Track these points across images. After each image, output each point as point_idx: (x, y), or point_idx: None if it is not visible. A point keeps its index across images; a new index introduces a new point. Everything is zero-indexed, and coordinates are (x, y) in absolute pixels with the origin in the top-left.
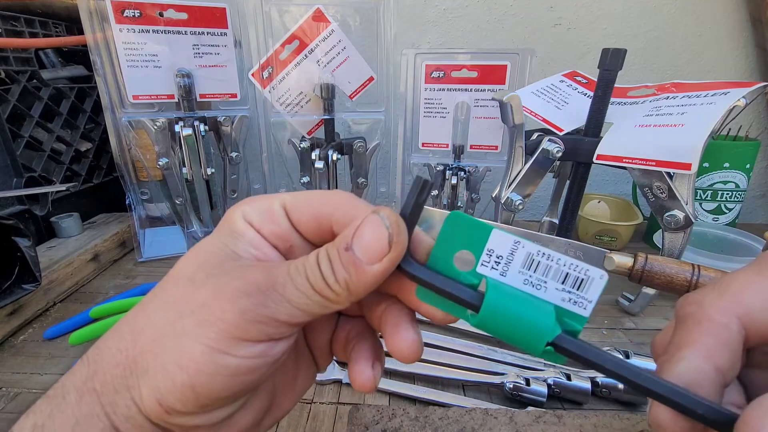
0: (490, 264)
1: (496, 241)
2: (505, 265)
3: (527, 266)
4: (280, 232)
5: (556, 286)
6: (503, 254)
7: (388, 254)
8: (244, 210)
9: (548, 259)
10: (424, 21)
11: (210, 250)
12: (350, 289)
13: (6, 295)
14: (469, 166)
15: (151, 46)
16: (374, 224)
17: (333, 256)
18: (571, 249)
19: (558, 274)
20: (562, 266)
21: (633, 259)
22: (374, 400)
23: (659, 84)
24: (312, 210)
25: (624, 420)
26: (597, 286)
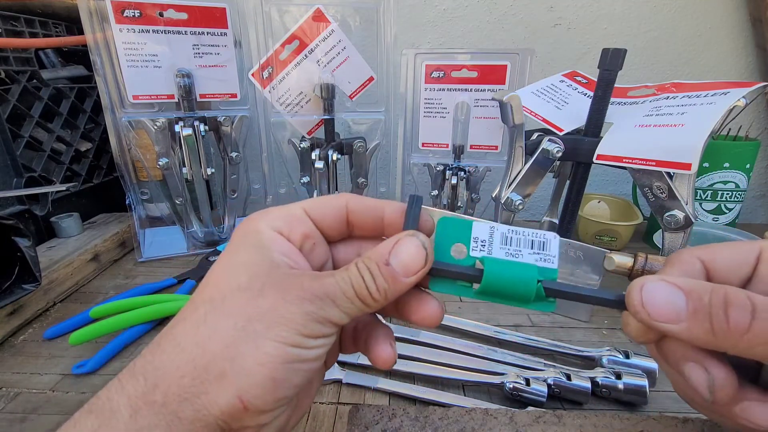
0: (477, 248)
1: (478, 230)
2: (489, 246)
3: (505, 242)
4: (307, 232)
5: (528, 251)
6: (485, 238)
7: (423, 269)
8: (269, 221)
9: (517, 234)
10: (424, 21)
11: (253, 262)
12: (387, 296)
13: (6, 295)
14: (469, 166)
15: (151, 46)
16: (413, 244)
17: (374, 269)
18: (571, 249)
19: (527, 242)
20: (527, 236)
21: (633, 259)
22: (374, 400)
23: (659, 84)
24: (330, 209)
25: (624, 420)
26: (554, 243)
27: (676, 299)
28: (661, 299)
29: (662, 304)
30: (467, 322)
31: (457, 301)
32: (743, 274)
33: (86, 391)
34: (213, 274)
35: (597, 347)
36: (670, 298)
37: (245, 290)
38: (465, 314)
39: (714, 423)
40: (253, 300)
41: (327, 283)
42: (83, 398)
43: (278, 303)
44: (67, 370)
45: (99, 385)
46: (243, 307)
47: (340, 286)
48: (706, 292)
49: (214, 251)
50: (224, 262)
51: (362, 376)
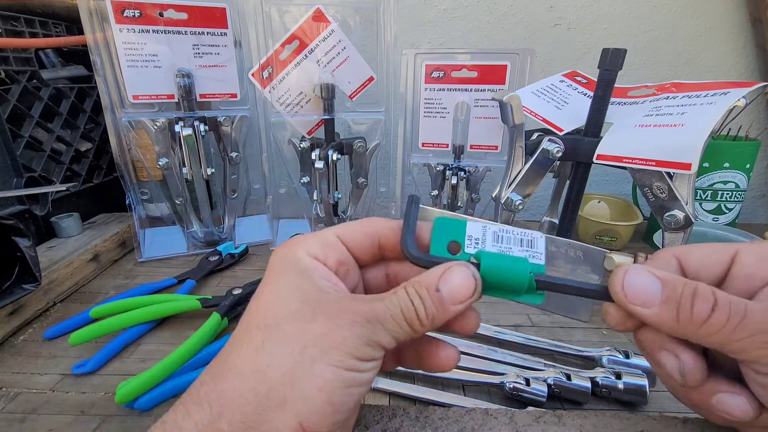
0: (472, 245)
1: (471, 228)
2: (482, 243)
3: (497, 240)
4: (342, 259)
5: (518, 249)
6: (479, 236)
7: (471, 298)
8: (306, 247)
9: (507, 232)
10: (424, 21)
11: (300, 287)
12: (433, 322)
13: (6, 295)
14: (469, 166)
15: (151, 46)
16: (463, 273)
17: (423, 294)
18: (572, 249)
19: (516, 240)
20: (516, 235)
21: (633, 259)
22: (374, 400)
23: (659, 84)
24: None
25: (624, 420)
26: (541, 242)
27: (653, 286)
28: (639, 284)
29: (639, 288)
30: None
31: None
32: (716, 274)
33: (86, 391)
34: (262, 300)
35: (597, 347)
36: (648, 284)
37: (298, 316)
38: None
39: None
40: (307, 325)
41: (376, 307)
42: (83, 398)
43: (331, 328)
44: (67, 370)
45: (99, 385)
46: (297, 333)
47: (390, 310)
48: (680, 284)
49: (214, 251)
50: (272, 288)
51: None
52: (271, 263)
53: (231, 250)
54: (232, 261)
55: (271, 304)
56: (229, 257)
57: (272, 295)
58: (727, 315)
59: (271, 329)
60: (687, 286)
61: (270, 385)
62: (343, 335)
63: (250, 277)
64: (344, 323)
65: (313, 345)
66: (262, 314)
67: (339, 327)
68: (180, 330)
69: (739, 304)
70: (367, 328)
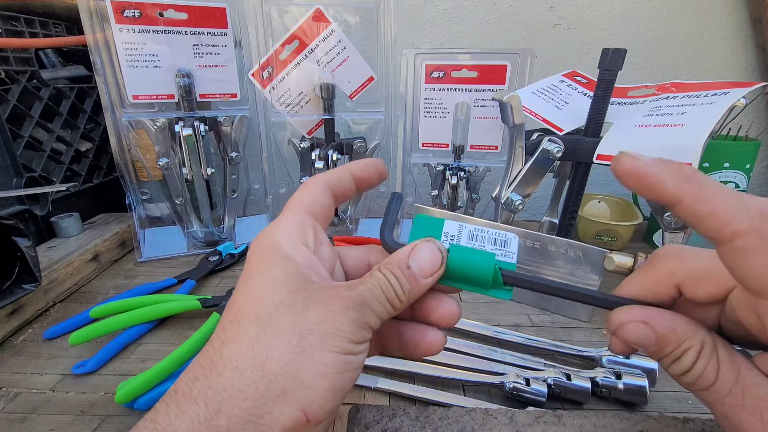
0: (447, 241)
1: (448, 227)
2: (457, 240)
3: (471, 238)
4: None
5: (491, 247)
6: (455, 234)
7: (439, 270)
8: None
9: (482, 232)
10: (424, 21)
11: (287, 277)
12: (410, 298)
13: (6, 295)
14: (469, 166)
15: (151, 46)
16: (429, 248)
17: (397, 273)
18: (572, 249)
19: (490, 240)
20: (491, 235)
21: (633, 259)
22: (374, 400)
23: (659, 84)
24: (320, 198)
25: (624, 420)
26: (514, 242)
27: (648, 339)
28: (633, 337)
29: (632, 339)
30: (467, 322)
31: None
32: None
33: (86, 391)
34: (248, 292)
35: (597, 347)
36: (644, 338)
37: (289, 306)
38: (465, 314)
39: (714, 423)
40: (300, 315)
41: (361, 291)
42: (83, 398)
43: (327, 315)
44: (67, 370)
45: (99, 385)
46: (292, 323)
47: (373, 292)
48: (672, 344)
49: (214, 251)
50: (257, 280)
51: (362, 376)
52: (251, 253)
53: (231, 250)
54: (232, 261)
55: (259, 297)
56: (229, 257)
57: (259, 287)
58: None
59: (264, 321)
60: (678, 350)
61: (270, 378)
62: (339, 321)
63: None
64: (339, 309)
65: (310, 333)
66: (250, 307)
67: (334, 314)
68: (180, 330)
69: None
70: (357, 311)
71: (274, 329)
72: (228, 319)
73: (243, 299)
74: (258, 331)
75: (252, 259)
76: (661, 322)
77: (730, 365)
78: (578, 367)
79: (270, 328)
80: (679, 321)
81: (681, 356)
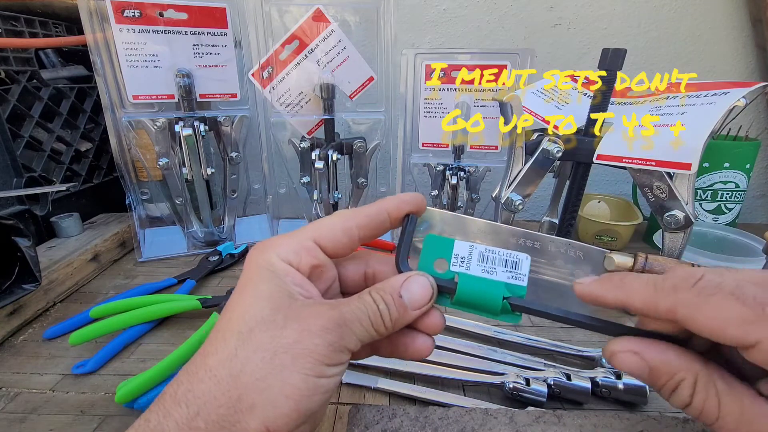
0: (458, 263)
1: (459, 248)
2: (468, 262)
3: (482, 260)
4: (317, 262)
5: (502, 269)
6: (465, 255)
7: (428, 304)
8: (279, 252)
9: (493, 253)
10: (424, 21)
11: (272, 294)
12: (395, 326)
13: (6, 295)
14: (469, 166)
15: (151, 46)
16: (422, 283)
17: (387, 300)
18: (572, 249)
19: (501, 261)
20: (502, 256)
21: (633, 259)
22: (374, 400)
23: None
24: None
25: (624, 420)
26: (525, 264)
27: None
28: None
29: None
30: (467, 322)
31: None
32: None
33: (86, 390)
34: (236, 306)
35: (597, 347)
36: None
37: (269, 323)
38: (465, 314)
39: None
40: (278, 332)
41: (344, 311)
42: (83, 398)
43: (302, 335)
44: (67, 370)
45: (99, 385)
46: (269, 341)
47: (356, 315)
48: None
49: (214, 251)
50: (245, 294)
51: (362, 376)
52: (246, 267)
53: (231, 250)
54: (232, 261)
55: (244, 311)
56: (229, 257)
57: (245, 301)
58: None
59: (243, 335)
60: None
61: (242, 390)
62: (314, 342)
63: None
64: (315, 329)
65: (283, 352)
66: (235, 321)
67: (310, 333)
68: (180, 330)
69: None
70: (336, 333)
71: (252, 344)
72: (217, 330)
73: (230, 313)
74: (237, 345)
75: (245, 273)
76: (651, 354)
77: (731, 398)
78: (578, 367)
79: (249, 342)
80: (670, 353)
81: (676, 388)
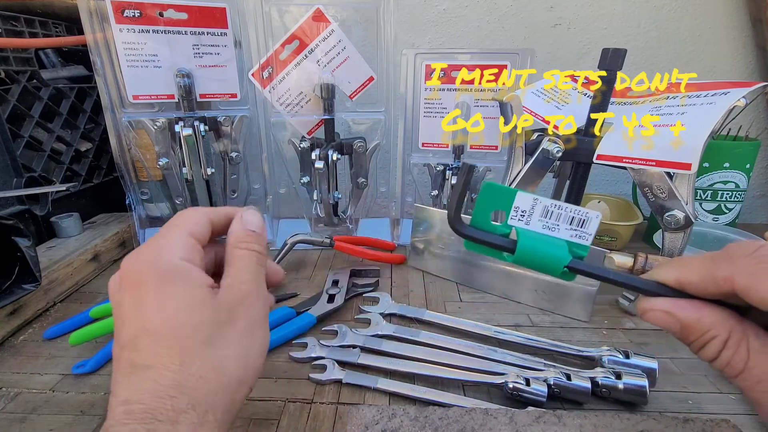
0: (516, 217)
1: (520, 200)
2: (528, 216)
3: (544, 215)
4: (201, 254)
5: (566, 227)
6: (526, 209)
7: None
8: (177, 254)
9: (559, 209)
10: (424, 21)
11: (197, 296)
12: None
13: (6, 295)
14: None
15: (151, 46)
16: (254, 213)
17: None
18: None
19: (567, 218)
20: (569, 212)
21: (633, 259)
22: (374, 400)
23: (659, 84)
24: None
25: (624, 420)
26: (594, 222)
27: (670, 323)
28: (657, 322)
29: (659, 324)
30: (467, 322)
31: (457, 301)
32: None
33: (86, 391)
34: (168, 315)
35: (597, 347)
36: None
37: (217, 323)
38: (465, 314)
39: (714, 423)
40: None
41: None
42: (83, 398)
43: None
44: (67, 370)
45: (99, 385)
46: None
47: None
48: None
49: None
50: (168, 301)
51: (362, 376)
52: (141, 271)
53: None
54: None
55: (185, 320)
56: None
57: (179, 307)
58: None
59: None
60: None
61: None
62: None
63: None
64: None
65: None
66: (181, 329)
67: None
68: None
69: None
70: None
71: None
72: (155, 341)
73: (162, 322)
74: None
75: (144, 274)
76: (685, 312)
77: (763, 356)
78: (578, 367)
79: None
80: (705, 312)
81: (706, 345)
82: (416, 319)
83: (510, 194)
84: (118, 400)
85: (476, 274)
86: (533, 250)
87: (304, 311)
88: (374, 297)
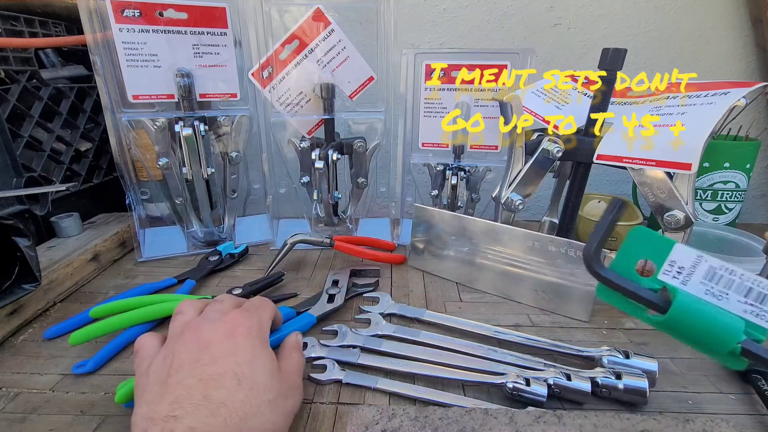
0: (671, 273)
1: (678, 253)
2: (687, 275)
3: (709, 278)
4: None
5: (738, 298)
6: (685, 266)
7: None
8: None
9: (731, 274)
10: (424, 21)
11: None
12: None
13: (6, 295)
14: (469, 166)
15: (151, 45)
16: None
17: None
18: (572, 249)
19: (741, 288)
20: (745, 281)
21: None
22: (374, 400)
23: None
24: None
25: (624, 420)
26: None
27: None
28: None
29: None
30: (467, 322)
31: (457, 301)
32: None
33: (86, 391)
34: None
35: (597, 347)
36: None
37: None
38: (465, 314)
39: (714, 423)
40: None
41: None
42: (83, 398)
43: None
44: (67, 370)
45: (99, 385)
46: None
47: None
48: None
49: (214, 251)
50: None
51: (362, 376)
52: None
53: (231, 250)
54: (232, 261)
55: (259, 375)
56: (229, 257)
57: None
58: None
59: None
60: None
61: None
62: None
63: (250, 277)
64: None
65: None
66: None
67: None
68: None
69: None
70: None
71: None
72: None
73: (244, 369)
74: None
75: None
76: None
77: None
78: (578, 367)
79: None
80: None
81: None
82: (416, 319)
83: (666, 245)
84: (182, 425)
85: (476, 274)
86: (695, 315)
87: (304, 311)
88: (374, 297)
